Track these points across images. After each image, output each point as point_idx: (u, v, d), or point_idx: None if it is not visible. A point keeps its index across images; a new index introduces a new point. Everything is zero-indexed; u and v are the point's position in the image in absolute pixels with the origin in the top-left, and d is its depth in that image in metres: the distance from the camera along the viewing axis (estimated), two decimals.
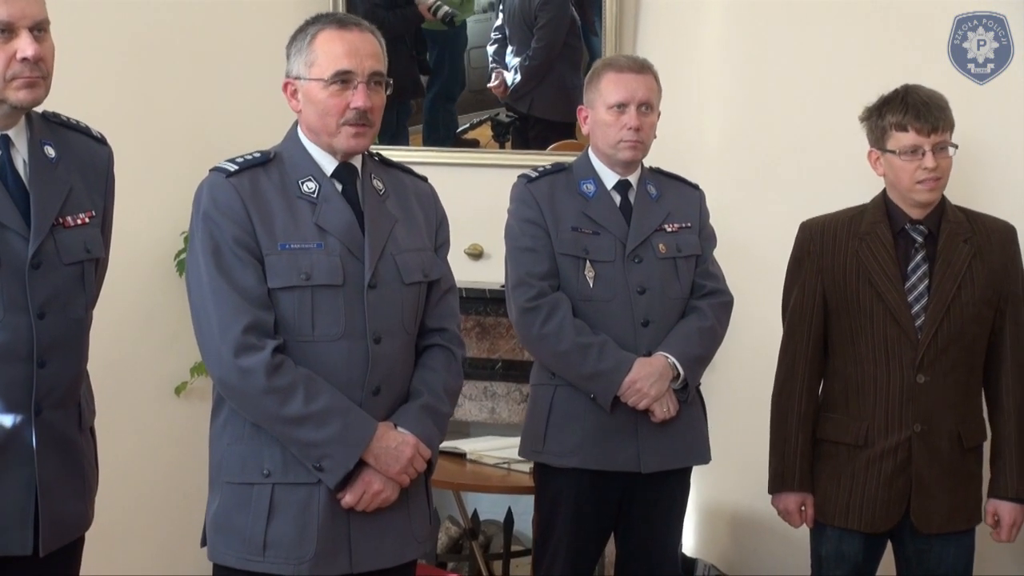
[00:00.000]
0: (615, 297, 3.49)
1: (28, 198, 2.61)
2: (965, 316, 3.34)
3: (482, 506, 4.95)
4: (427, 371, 2.90)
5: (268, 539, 2.72)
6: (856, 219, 3.44)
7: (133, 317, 4.39)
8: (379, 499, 2.76)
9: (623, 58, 3.67)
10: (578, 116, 3.63)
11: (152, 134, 4.51)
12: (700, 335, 3.52)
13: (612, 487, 3.51)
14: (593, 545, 3.61)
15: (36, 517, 2.62)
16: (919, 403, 3.33)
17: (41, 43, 2.59)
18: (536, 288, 3.47)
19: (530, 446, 3.60)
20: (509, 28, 5.02)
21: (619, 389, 3.42)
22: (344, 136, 2.78)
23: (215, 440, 2.83)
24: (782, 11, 4.40)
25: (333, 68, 2.75)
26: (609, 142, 3.51)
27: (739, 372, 4.34)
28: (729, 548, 4.62)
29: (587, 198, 3.54)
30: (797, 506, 3.47)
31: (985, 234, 3.40)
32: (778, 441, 3.49)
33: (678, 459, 3.54)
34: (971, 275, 3.35)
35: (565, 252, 3.50)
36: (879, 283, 3.35)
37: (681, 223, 3.59)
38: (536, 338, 3.48)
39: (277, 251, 2.73)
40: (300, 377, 2.69)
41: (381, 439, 2.75)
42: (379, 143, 5.07)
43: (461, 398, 4.90)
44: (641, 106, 3.49)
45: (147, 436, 4.54)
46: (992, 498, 3.44)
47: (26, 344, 2.59)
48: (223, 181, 2.75)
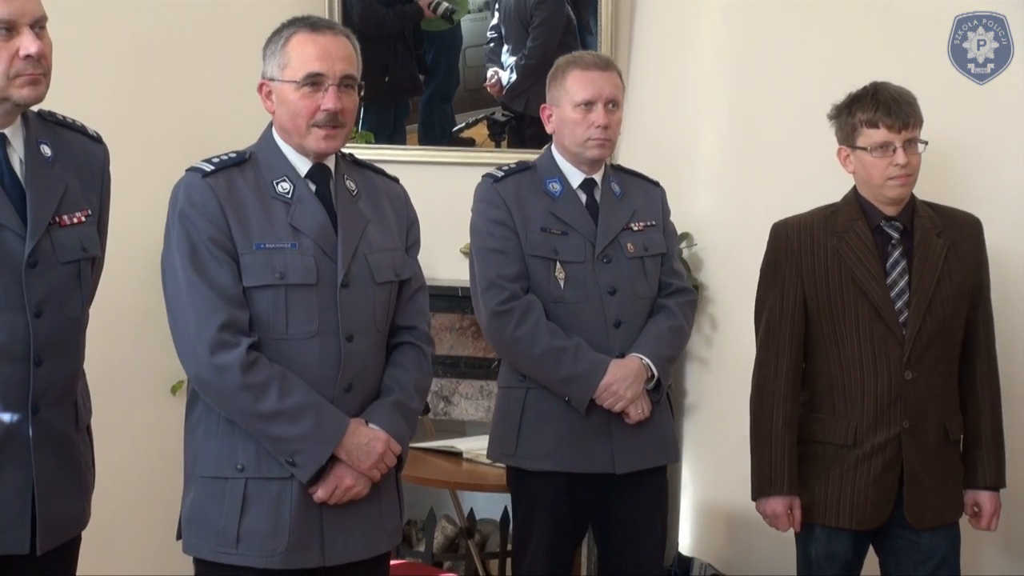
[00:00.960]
0: (586, 298, 3.47)
1: (24, 197, 2.61)
2: (946, 310, 3.35)
3: (478, 505, 4.95)
4: (398, 369, 2.96)
5: (241, 532, 2.78)
6: (830, 218, 3.43)
7: (129, 316, 4.39)
8: (350, 493, 2.83)
9: (588, 55, 3.64)
10: (541, 115, 3.61)
11: (148, 133, 4.52)
12: (671, 335, 3.52)
13: (587, 488, 3.49)
14: (571, 545, 3.61)
15: (33, 516, 2.62)
16: (908, 400, 3.34)
17: (41, 40, 2.60)
18: (508, 291, 3.44)
19: (500, 449, 3.58)
20: (505, 27, 5.03)
21: (595, 392, 3.41)
22: (314, 138, 2.83)
23: (189, 435, 2.90)
24: (779, 10, 4.40)
25: (305, 70, 2.81)
26: (576, 140, 3.49)
27: (733, 372, 4.34)
28: (725, 547, 4.62)
29: (554, 197, 3.52)
30: (785, 509, 3.43)
31: (956, 228, 3.41)
32: (760, 446, 3.45)
33: (651, 458, 3.53)
34: (948, 269, 3.36)
35: (535, 254, 3.47)
36: (863, 281, 3.35)
37: (646, 221, 3.58)
38: (509, 341, 3.45)
39: (252, 250, 2.78)
40: (274, 374, 2.75)
41: (353, 435, 2.81)
42: (376, 142, 5.09)
43: (457, 397, 4.92)
44: (608, 103, 3.47)
45: (144, 435, 4.55)
46: (970, 488, 3.45)
47: (23, 343, 2.59)
48: (199, 181, 2.80)
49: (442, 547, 4.93)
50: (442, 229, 4.76)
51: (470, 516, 4.83)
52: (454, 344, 4.90)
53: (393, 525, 2.97)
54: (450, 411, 4.96)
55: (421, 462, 4.28)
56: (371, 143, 5.06)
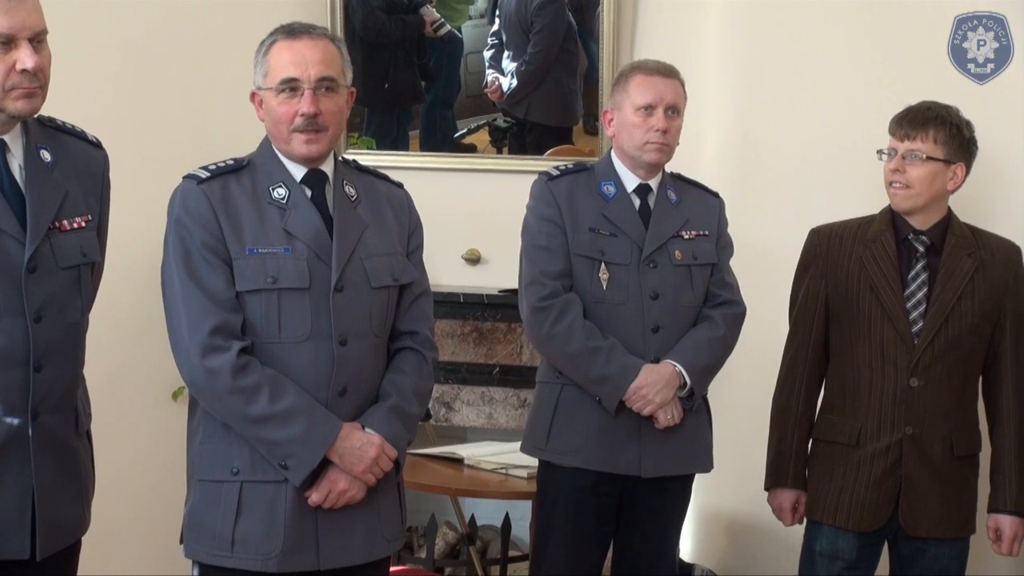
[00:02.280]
0: (627, 301, 3.49)
1: (24, 202, 2.62)
2: (963, 326, 3.39)
3: (479, 511, 4.95)
4: (397, 373, 2.97)
5: (236, 536, 2.81)
6: (864, 227, 3.50)
7: (130, 322, 4.39)
8: (345, 497, 2.84)
9: (652, 62, 3.66)
10: (602, 119, 3.64)
11: (149, 138, 4.52)
12: (710, 345, 3.52)
13: (612, 489, 3.51)
14: (593, 549, 3.59)
15: (33, 521, 2.62)
16: (912, 406, 3.38)
17: (40, 53, 2.60)
18: (549, 287, 3.47)
19: (533, 443, 3.61)
20: (506, 33, 5.03)
21: (624, 394, 3.43)
22: (296, 143, 2.86)
23: (190, 439, 2.94)
24: (781, 13, 4.40)
25: (279, 76, 2.84)
26: (635, 143, 3.51)
27: (739, 378, 4.34)
28: (726, 553, 4.62)
29: (607, 199, 3.54)
30: (791, 503, 3.55)
31: (989, 250, 3.46)
32: (775, 439, 3.56)
33: (679, 466, 3.55)
34: (972, 288, 3.41)
35: (581, 253, 3.50)
36: (879, 287, 3.41)
37: (699, 231, 3.59)
38: (545, 337, 3.48)
39: (245, 255, 2.81)
40: (265, 377, 2.76)
41: (346, 439, 2.82)
42: (378, 148, 5.09)
43: (459, 403, 4.92)
44: (668, 109, 3.50)
45: (144, 440, 4.55)
46: (992, 512, 3.47)
47: (23, 348, 2.59)
48: (194, 188, 2.83)
49: (443, 553, 4.93)
50: (444, 235, 4.76)
51: (471, 522, 4.83)
52: (456, 350, 4.90)
53: (393, 530, 2.98)
54: (451, 417, 4.96)
55: (422, 468, 4.29)
56: (372, 149, 5.07)
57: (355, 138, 5.09)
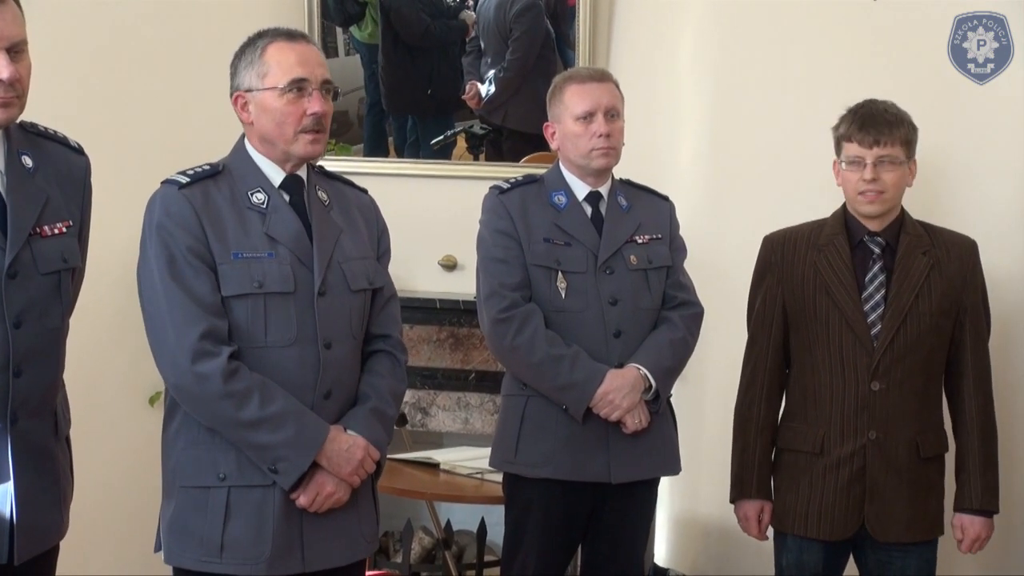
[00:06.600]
0: (587, 308, 3.50)
1: (5, 208, 2.62)
2: (922, 327, 3.37)
3: (455, 516, 4.95)
4: (374, 376, 3.00)
5: (225, 541, 2.81)
6: (816, 231, 3.49)
7: (107, 327, 4.38)
8: (331, 500, 2.86)
9: (583, 69, 3.71)
10: (545, 133, 3.65)
11: (128, 144, 4.51)
12: (671, 346, 3.54)
13: (583, 498, 3.52)
14: (561, 556, 3.61)
15: (11, 525, 2.62)
16: (874, 411, 3.36)
17: (18, 63, 2.60)
18: (508, 299, 3.48)
19: (501, 456, 3.61)
20: (484, 40, 5.04)
21: (591, 401, 3.44)
22: (302, 143, 2.87)
23: (169, 446, 2.91)
24: (758, 19, 4.38)
25: (288, 76, 2.84)
26: (581, 152, 3.52)
27: (709, 383, 4.37)
28: (700, 558, 4.64)
29: (559, 209, 3.56)
30: (756, 513, 3.52)
31: (944, 247, 3.43)
32: (739, 449, 3.54)
33: (648, 470, 3.56)
34: (928, 286, 3.38)
35: (537, 263, 3.51)
36: (835, 292, 3.39)
37: (652, 234, 3.61)
38: (508, 349, 3.49)
39: (230, 260, 2.81)
40: (255, 382, 2.77)
41: (333, 441, 2.84)
42: (353, 154, 5.10)
43: (435, 408, 4.93)
44: (608, 113, 3.51)
45: (122, 445, 4.54)
46: (958, 511, 3.46)
47: (2, 353, 2.60)
48: (175, 193, 2.82)
49: (419, 558, 4.93)
50: (420, 242, 4.78)
51: (447, 527, 4.84)
52: (432, 356, 4.91)
53: (370, 531, 3.01)
54: (427, 423, 4.96)
55: (398, 473, 4.29)
56: (348, 155, 5.08)
57: (331, 144, 5.09)
